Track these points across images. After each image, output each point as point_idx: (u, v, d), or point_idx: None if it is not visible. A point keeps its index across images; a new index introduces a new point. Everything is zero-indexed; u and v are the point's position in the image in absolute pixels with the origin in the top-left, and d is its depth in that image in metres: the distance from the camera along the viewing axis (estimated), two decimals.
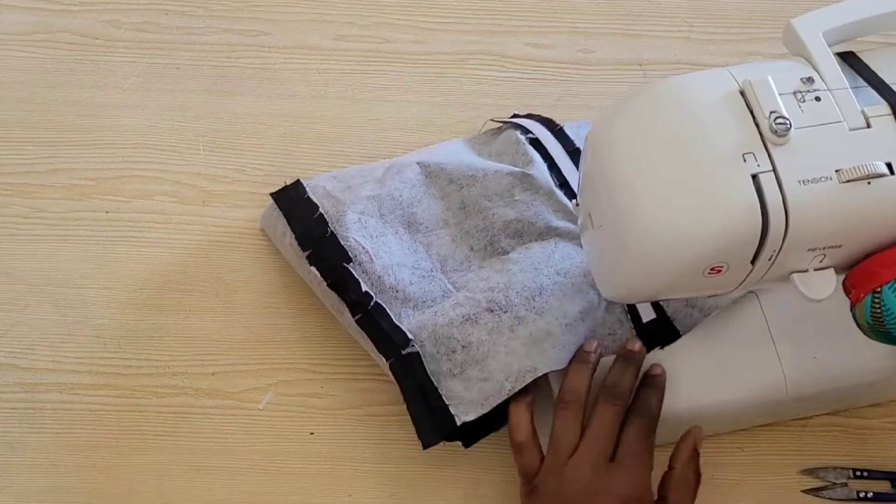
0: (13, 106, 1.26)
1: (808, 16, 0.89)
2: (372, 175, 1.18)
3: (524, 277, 1.08)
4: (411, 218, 1.15)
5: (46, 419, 1.10)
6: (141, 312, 1.16)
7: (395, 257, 1.12)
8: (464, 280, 1.12)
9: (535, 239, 1.12)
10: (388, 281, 1.10)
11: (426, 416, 1.05)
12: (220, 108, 1.28)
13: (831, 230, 0.84)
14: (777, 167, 0.81)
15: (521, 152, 1.18)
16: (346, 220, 1.12)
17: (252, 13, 1.34)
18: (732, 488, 1.09)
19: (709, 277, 0.87)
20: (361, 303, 1.09)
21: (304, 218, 1.14)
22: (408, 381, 1.06)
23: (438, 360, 1.06)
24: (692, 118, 0.84)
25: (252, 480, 1.08)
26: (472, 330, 1.06)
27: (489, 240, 1.13)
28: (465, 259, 1.13)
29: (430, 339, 1.07)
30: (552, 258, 1.10)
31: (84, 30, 1.32)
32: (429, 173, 1.18)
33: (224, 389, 1.12)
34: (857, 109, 0.84)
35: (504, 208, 1.14)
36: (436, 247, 1.15)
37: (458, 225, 1.15)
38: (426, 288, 1.11)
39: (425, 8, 1.36)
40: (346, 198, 1.15)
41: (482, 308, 1.07)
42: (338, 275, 1.10)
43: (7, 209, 1.20)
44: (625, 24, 1.36)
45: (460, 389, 1.04)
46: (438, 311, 1.08)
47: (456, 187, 1.16)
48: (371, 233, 1.13)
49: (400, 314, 1.09)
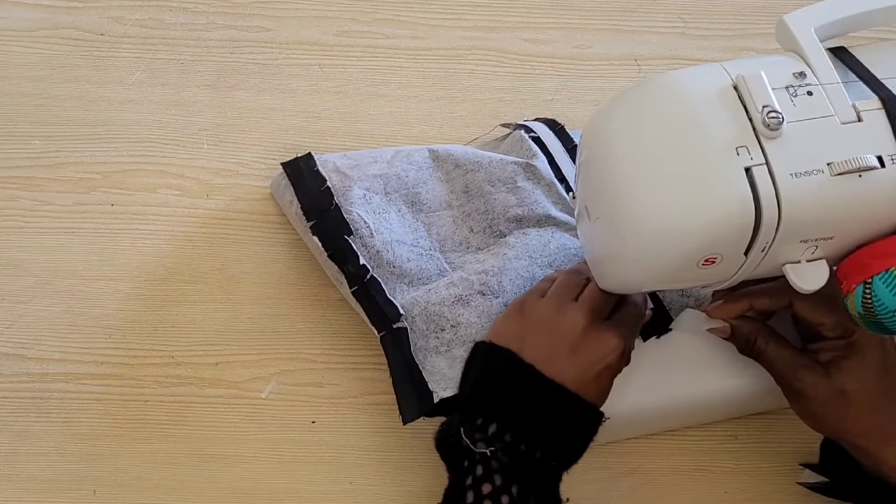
0: (20, 101, 1.27)
1: (800, 12, 0.89)
2: (382, 157, 1.20)
3: (518, 265, 1.10)
4: (415, 198, 1.17)
5: (53, 409, 1.11)
6: (146, 303, 1.16)
7: (396, 234, 1.14)
8: (461, 261, 1.14)
9: (534, 226, 1.14)
10: (386, 256, 1.12)
11: (409, 393, 1.06)
12: (223, 102, 1.29)
13: (823, 222, 0.84)
14: (770, 160, 0.82)
15: (524, 148, 1.20)
16: (352, 194, 1.14)
17: (254, 9, 1.35)
18: (726, 475, 1.10)
19: (703, 269, 0.87)
20: (358, 275, 1.11)
21: (311, 189, 1.16)
22: (396, 354, 1.08)
23: (427, 337, 1.08)
24: (686, 112, 0.84)
25: (255, 468, 1.09)
26: (462, 311, 1.08)
27: (489, 223, 1.15)
28: (464, 240, 1.15)
29: (422, 315, 1.08)
30: (547, 248, 1.12)
31: (89, 26, 1.32)
32: (436, 157, 1.20)
33: (227, 379, 1.13)
34: (849, 104, 0.84)
35: (506, 194, 1.16)
36: (436, 227, 1.16)
37: (461, 207, 1.17)
38: (423, 266, 1.13)
39: (425, 5, 1.37)
40: (354, 174, 1.17)
41: (474, 290, 1.08)
42: (338, 246, 1.12)
43: (14, 202, 1.21)
44: (620, 21, 1.38)
45: (444, 367, 1.06)
46: (432, 289, 1.10)
47: (461, 171, 1.18)
48: (374, 208, 1.15)
49: (395, 289, 1.11)
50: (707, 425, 1.12)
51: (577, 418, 0.97)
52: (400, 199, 1.17)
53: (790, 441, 1.09)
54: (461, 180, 1.18)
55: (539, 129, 1.24)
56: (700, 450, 1.11)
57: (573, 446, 0.97)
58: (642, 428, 1.10)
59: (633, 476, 1.10)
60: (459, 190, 1.18)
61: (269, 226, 1.21)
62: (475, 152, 1.20)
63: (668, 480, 1.10)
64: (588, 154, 0.92)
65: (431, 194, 1.18)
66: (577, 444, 0.98)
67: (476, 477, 0.94)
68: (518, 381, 0.97)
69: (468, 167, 1.18)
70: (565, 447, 0.97)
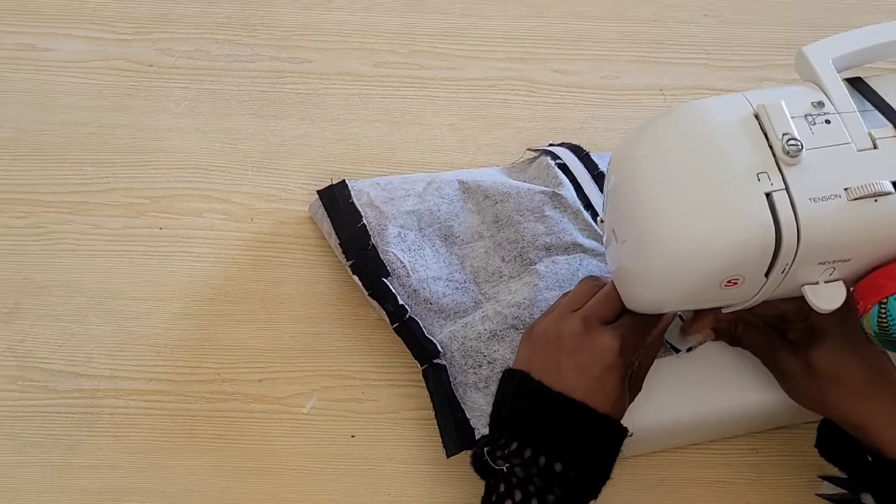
0: (73, 129, 1.30)
1: (819, 44, 0.90)
2: (413, 189, 1.21)
3: (549, 295, 1.11)
4: (448, 231, 1.19)
5: (104, 423, 1.12)
6: (193, 323, 1.18)
7: (431, 270, 1.15)
8: (494, 291, 1.15)
9: (562, 253, 1.15)
10: (423, 294, 1.14)
11: (451, 427, 1.07)
12: (266, 130, 1.31)
13: (840, 245, 0.85)
14: (789, 186, 0.83)
15: (551, 176, 1.21)
16: (387, 233, 1.16)
17: (296, 41, 1.38)
18: (748, 486, 1.11)
19: (725, 289, 0.88)
20: (398, 314, 1.13)
21: (348, 225, 1.18)
22: (437, 388, 1.09)
23: (466, 372, 1.10)
24: (710, 140, 0.86)
25: (297, 481, 1.10)
26: (497, 346, 1.10)
27: (519, 251, 1.16)
28: (497, 270, 1.16)
29: (460, 350, 1.10)
30: (576, 276, 1.12)
31: (139, 57, 1.36)
32: (466, 189, 1.21)
33: (270, 395, 1.14)
34: (865, 131, 0.85)
35: (535, 223, 1.17)
36: (470, 259, 1.18)
37: (492, 237, 1.18)
38: (458, 299, 1.14)
39: (459, 37, 1.40)
40: (389, 210, 1.18)
41: (508, 325, 1.10)
42: (377, 287, 1.14)
43: (67, 226, 1.23)
44: (647, 52, 1.40)
45: (483, 403, 1.08)
46: (468, 324, 1.12)
47: (491, 202, 1.19)
48: (409, 246, 1.16)
49: (433, 324, 1.13)
50: (729, 439, 1.13)
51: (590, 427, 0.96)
52: (434, 234, 1.19)
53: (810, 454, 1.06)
54: (491, 211, 1.20)
55: (565, 156, 1.25)
56: (723, 462, 1.11)
57: (592, 457, 0.97)
58: (667, 442, 1.11)
59: (658, 488, 1.11)
60: (490, 220, 1.20)
61: (310, 249, 1.23)
62: (504, 182, 1.21)
63: (692, 492, 1.11)
64: (616, 180, 0.93)
65: (463, 227, 1.20)
66: (595, 455, 0.97)
67: (499, 493, 0.97)
68: (529, 399, 0.98)
69: (497, 198, 1.20)
70: (582, 458, 0.96)
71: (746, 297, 0.92)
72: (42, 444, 1.11)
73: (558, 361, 0.98)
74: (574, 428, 0.96)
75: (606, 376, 0.97)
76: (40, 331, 1.18)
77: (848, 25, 0.94)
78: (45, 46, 1.37)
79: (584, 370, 0.97)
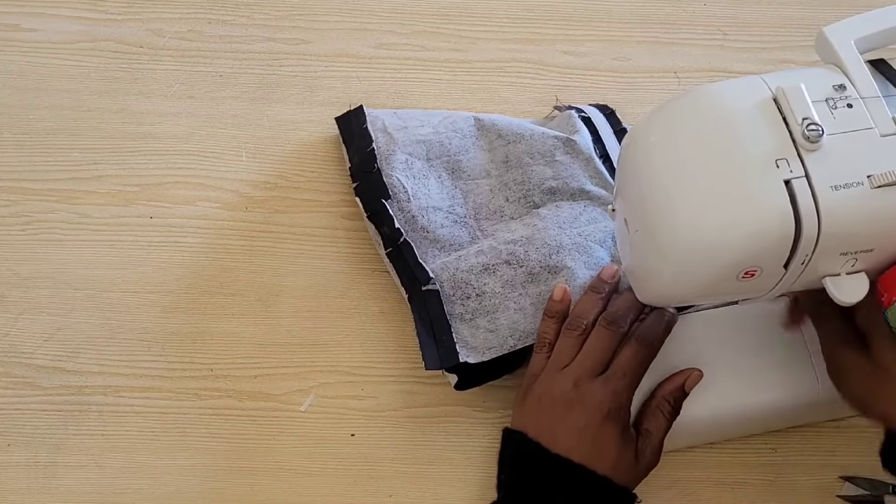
0: (59, 113, 1.27)
1: (840, 24, 0.90)
2: (429, 120, 1.23)
3: (546, 235, 1.12)
4: (456, 165, 1.20)
5: (92, 421, 1.11)
6: (184, 316, 1.16)
7: (433, 200, 1.17)
8: (493, 229, 1.16)
9: (567, 199, 1.16)
10: (420, 221, 1.15)
11: (431, 345, 1.09)
12: (262, 115, 1.29)
13: (863, 234, 0.84)
14: (809, 173, 0.82)
15: (570, 124, 1.22)
16: (394, 158, 1.18)
17: (294, 22, 1.35)
18: (766, 487, 1.10)
19: (743, 281, 0.87)
20: (393, 237, 1.14)
21: (359, 149, 1.20)
22: (423, 313, 1.10)
23: (453, 303, 1.11)
24: (726, 125, 0.84)
25: (294, 481, 1.09)
26: (487, 280, 1.11)
27: (524, 193, 1.17)
28: (499, 209, 1.17)
29: (450, 281, 1.11)
30: (578, 220, 1.14)
31: (128, 38, 1.33)
32: (481, 126, 1.22)
33: (266, 392, 1.13)
34: (889, 116, 0.84)
35: (543, 166, 1.18)
36: (473, 195, 1.19)
37: (499, 177, 1.19)
38: (456, 233, 1.16)
39: (464, 17, 1.37)
40: (400, 137, 1.20)
41: (501, 259, 1.11)
42: (376, 209, 1.15)
43: (53, 215, 1.21)
44: (660, 33, 1.37)
45: (467, 335, 1.09)
46: (462, 256, 1.13)
47: (503, 142, 1.20)
48: (415, 174, 1.17)
49: (427, 253, 1.14)
50: (746, 438, 1.12)
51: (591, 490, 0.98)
52: (441, 166, 1.20)
53: (830, 454, 1.09)
54: (502, 150, 1.20)
55: (589, 111, 1.26)
56: (740, 462, 1.11)
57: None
58: (682, 441, 1.09)
59: (673, 488, 1.10)
60: (499, 160, 1.20)
61: (308, 239, 1.21)
62: (520, 124, 1.22)
63: (709, 493, 1.10)
64: (628, 167, 0.93)
65: (472, 163, 1.20)
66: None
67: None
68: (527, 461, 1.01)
69: (510, 138, 1.20)
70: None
71: (765, 290, 0.91)
72: (27, 443, 1.10)
73: (552, 421, 1.01)
74: (575, 491, 0.98)
75: (602, 434, 0.99)
76: (24, 324, 1.16)
77: (871, 5, 0.93)
78: (29, 26, 1.35)
79: (579, 430, 0.99)
